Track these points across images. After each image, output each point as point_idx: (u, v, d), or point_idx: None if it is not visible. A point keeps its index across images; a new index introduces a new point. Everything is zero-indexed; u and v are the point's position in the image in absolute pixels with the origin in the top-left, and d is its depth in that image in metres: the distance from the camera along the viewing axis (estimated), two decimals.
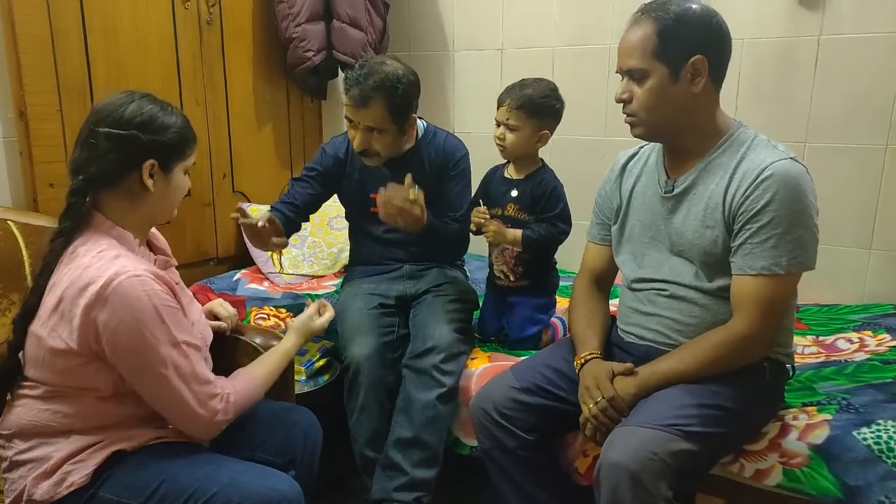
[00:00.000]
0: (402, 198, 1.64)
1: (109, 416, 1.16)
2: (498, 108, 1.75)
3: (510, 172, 1.81)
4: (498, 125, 1.75)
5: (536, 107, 1.70)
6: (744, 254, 1.27)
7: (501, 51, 2.56)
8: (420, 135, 1.90)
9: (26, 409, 1.16)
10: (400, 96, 1.71)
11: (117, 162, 1.16)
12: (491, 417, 1.44)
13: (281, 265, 2.40)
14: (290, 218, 1.84)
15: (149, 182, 1.18)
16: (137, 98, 1.19)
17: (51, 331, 1.12)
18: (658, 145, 1.46)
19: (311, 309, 1.53)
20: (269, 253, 2.08)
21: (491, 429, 1.44)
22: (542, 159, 1.81)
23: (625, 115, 1.37)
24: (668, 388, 1.29)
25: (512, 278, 1.80)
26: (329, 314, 1.59)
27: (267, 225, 1.63)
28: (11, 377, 1.19)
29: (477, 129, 2.61)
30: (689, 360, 1.30)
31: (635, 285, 1.46)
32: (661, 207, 1.41)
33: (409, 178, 1.66)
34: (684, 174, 1.37)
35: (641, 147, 1.53)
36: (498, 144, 1.76)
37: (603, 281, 1.58)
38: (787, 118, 2.11)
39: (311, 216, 1.96)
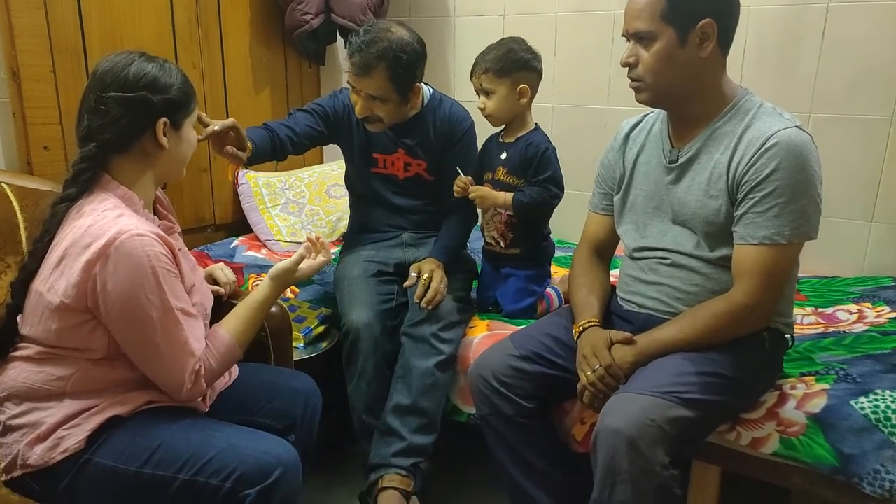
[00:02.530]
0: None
1: (102, 381, 1.16)
2: (471, 79, 1.73)
3: (503, 137, 1.79)
4: (478, 95, 1.73)
5: (504, 63, 1.67)
6: (746, 223, 1.26)
7: (503, 17, 2.51)
8: (426, 101, 1.86)
9: (19, 372, 1.16)
10: (403, 66, 1.67)
11: (131, 125, 1.16)
12: (490, 385, 1.44)
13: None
14: (282, 140, 1.73)
15: (164, 140, 1.18)
16: (136, 58, 1.18)
17: (50, 287, 1.11)
18: (662, 113, 1.44)
19: (295, 255, 1.37)
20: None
21: (489, 396, 1.45)
22: (536, 123, 1.78)
23: (630, 80, 1.34)
24: (666, 357, 1.29)
25: (503, 244, 1.79)
26: (321, 259, 1.42)
27: (228, 132, 1.53)
28: (9, 339, 1.19)
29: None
30: (688, 328, 1.30)
31: (637, 254, 1.45)
32: (665, 177, 1.39)
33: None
34: (689, 143, 1.35)
35: (645, 115, 1.51)
36: (483, 114, 1.73)
37: (604, 251, 1.57)
38: (792, 87, 2.08)
39: (302, 154, 1.85)
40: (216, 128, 1.52)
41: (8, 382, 1.16)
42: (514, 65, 1.67)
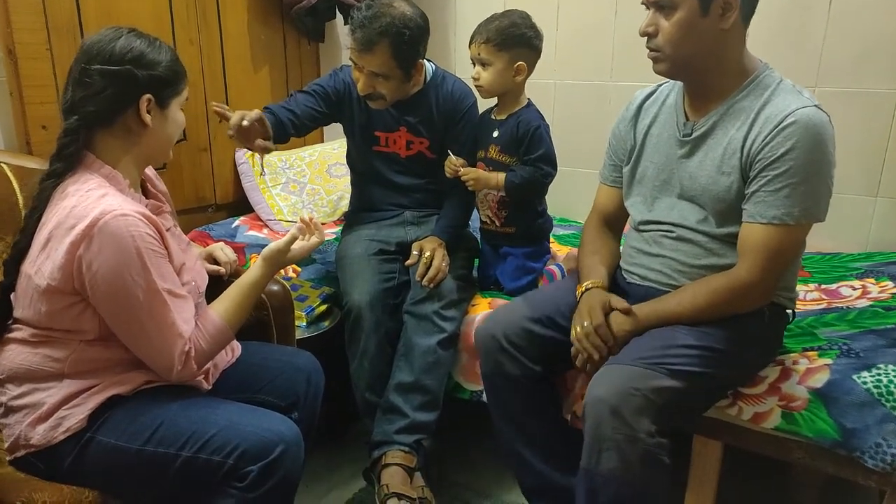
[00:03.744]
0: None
1: (99, 360, 1.15)
2: (469, 47, 1.69)
3: (495, 113, 1.77)
4: (474, 64, 1.70)
5: (506, 37, 1.64)
6: (756, 201, 1.25)
7: None
8: (428, 78, 1.84)
9: (16, 354, 1.16)
10: (407, 42, 1.65)
11: (114, 99, 1.13)
12: (499, 343, 1.43)
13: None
14: (284, 123, 1.71)
15: (147, 118, 1.16)
16: (125, 33, 1.16)
17: (37, 270, 1.11)
18: (678, 84, 1.41)
19: (288, 235, 1.33)
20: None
21: (497, 355, 1.44)
22: (529, 99, 1.76)
23: (648, 50, 1.31)
24: (661, 328, 1.29)
25: (497, 223, 1.78)
26: (314, 241, 1.39)
27: (254, 124, 1.51)
28: (3, 318, 1.18)
29: None
30: (688, 302, 1.30)
31: (642, 227, 1.44)
32: (678, 150, 1.37)
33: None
34: (704, 116, 1.33)
35: (660, 85, 1.48)
36: (475, 84, 1.71)
37: (614, 222, 1.57)
38: (797, 60, 2.05)
39: (304, 136, 1.85)
40: (244, 123, 1.50)
41: (7, 364, 1.16)
42: (515, 40, 1.64)
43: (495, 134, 1.74)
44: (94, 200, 1.09)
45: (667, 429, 1.20)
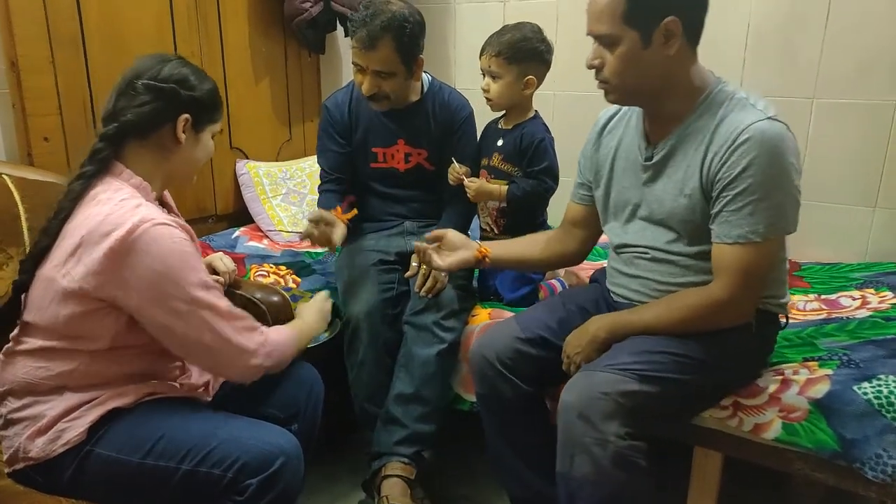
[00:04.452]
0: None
1: (102, 375, 1.16)
2: (480, 58, 1.70)
3: (502, 123, 1.78)
4: (483, 76, 1.71)
5: (517, 51, 1.65)
6: (721, 222, 1.25)
7: (504, 3, 2.50)
8: (425, 88, 1.86)
9: (18, 367, 1.16)
10: (408, 36, 1.68)
11: (155, 112, 1.18)
12: (492, 366, 1.44)
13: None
14: (348, 191, 1.89)
15: (181, 136, 1.20)
16: (174, 59, 1.23)
17: (66, 274, 1.11)
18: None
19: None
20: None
21: (491, 377, 1.45)
22: (536, 111, 1.77)
23: (597, 82, 1.32)
24: (643, 336, 1.30)
25: (496, 230, 1.78)
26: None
27: (315, 231, 1.64)
28: (13, 315, 1.18)
29: (478, 84, 2.54)
30: (664, 316, 1.31)
31: (619, 250, 1.46)
32: (642, 175, 1.38)
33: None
34: (663, 140, 1.33)
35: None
36: (484, 96, 1.72)
37: (576, 232, 1.58)
38: (795, 72, 2.06)
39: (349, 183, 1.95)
40: (315, 233, 1.65)
41: (9, 378, 1.16)
42: (526, 53, 1.66)
43: (500, 143, 1.75)
44: (130, 209, 1.11)
45: (640, 432, 1.21)
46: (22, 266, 1.16)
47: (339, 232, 1.66)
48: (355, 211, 1.75)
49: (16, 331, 1.19)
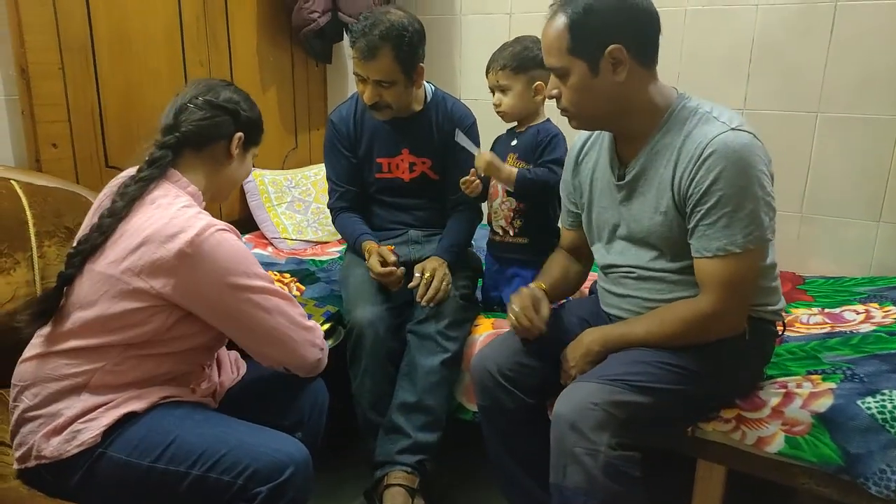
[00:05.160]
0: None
1: (122, 377, 1.16)
2: (487, 76, 1.73)
3: (516, 127, 1.80)
4: (493, 92, 1.73)
5: (520, 61, 1.67)
6: (698, 236, 1.25)
7: (510, 15, 2.52)
8: (428, 98, 1.87)
9: (40, 364, 1.16)
10: (407, 44, 1.69)
11: (214, 126, 1.26)
12: (494, 379, 1.44)
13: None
14: (361, 204, 1.93)
15: (235, 152, 1.29)
16: (230, 84, 1.34)
17: (125, 269, 1.12)
18: None
19: None
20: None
21: (493, 390, 1.45)
22: (548, 118, 1.77)
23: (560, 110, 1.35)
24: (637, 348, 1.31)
25: (511, 233, 1.78)
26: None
27: (386, 266, 1.72)
28: (54, 308, 1.18)
29: (484, 95, 2.53)
30: (657, 330, 1.31)
31: (606, 270, 1.47)
32: (617, 194, 1.39)
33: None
34: (633, 159, 1.35)
35: None
36: (496, 110, 1.73)
37: (577, 255, 1.61)
38: (799, 88, 2.07)
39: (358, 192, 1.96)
40: (397, 271, 1.74)
41: (29, 374, 1.17)
42: (530, 62, 1.67)
43: (514, 143, 1.76)
44: (193, 215, 1.16)
45: (633, 442, 1.21)
46: (70, 260, 1.18)
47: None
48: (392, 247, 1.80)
49: (48, 328, 1.19)
